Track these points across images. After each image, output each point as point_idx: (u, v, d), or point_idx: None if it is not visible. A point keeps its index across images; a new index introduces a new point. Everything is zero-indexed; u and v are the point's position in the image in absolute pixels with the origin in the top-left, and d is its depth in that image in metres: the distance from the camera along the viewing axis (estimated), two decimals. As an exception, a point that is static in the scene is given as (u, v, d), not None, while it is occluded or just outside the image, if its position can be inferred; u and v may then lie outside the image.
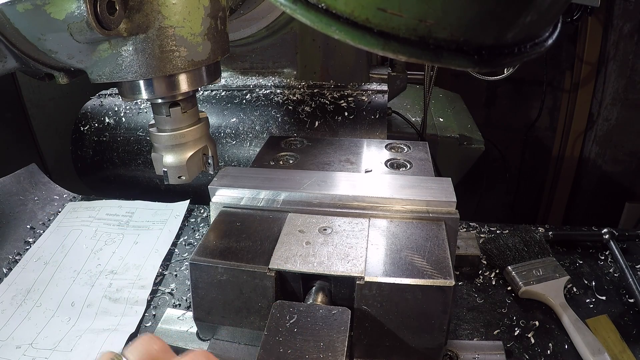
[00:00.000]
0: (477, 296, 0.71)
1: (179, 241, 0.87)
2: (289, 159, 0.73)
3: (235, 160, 0.98)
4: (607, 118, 1.75)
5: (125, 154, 1.03)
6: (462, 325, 0.66)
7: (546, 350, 0.62)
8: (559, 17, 0.34)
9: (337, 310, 0.46)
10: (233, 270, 0.50)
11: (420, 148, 0.75)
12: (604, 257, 0.79)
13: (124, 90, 0.56)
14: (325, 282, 0.51)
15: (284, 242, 0.53)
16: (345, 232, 0.54)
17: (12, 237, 0.90)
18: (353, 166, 0.70)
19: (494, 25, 0.28)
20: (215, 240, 0.54)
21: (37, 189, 1.03)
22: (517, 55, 0.31)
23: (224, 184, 0.61)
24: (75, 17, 0.43)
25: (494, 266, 0.76)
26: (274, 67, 1.09)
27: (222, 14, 0.56)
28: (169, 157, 0.61)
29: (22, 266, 0.82)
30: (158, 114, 0.60)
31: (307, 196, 0.59)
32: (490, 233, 0.85)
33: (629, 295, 0.70)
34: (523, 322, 0.66)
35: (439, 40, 0.28)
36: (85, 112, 1.08)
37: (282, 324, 0.45)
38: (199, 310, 0.54)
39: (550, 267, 0.72)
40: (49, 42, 0.48)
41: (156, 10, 0.49)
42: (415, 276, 0.47)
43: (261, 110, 0.99)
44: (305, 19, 0.28)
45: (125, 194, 1.02)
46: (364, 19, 0.27)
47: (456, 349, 0.58)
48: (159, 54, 0.51)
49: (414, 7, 0.26)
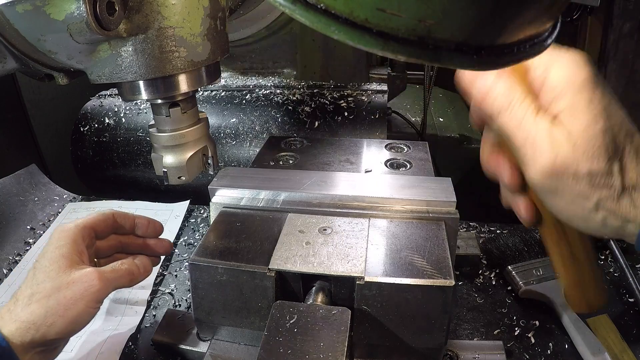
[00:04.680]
0: (477, 296, 0.71)
1: (179, 241, 0.87)
2: (289, 159, 0.73)
3: (235, 160, 0.98)
4: (607, 118, 1.75)
5: (125, 155, 1.03)
6: (462, 325, 0.66)
7: (546, 350, 0.62)
8: (558, 17, 0.34)
9: (337, 310, 0.46)
10: (233, 270, 0.50)
11: (420, 148, 0.76)
12: (604, 257, 0.79)
13: (123, 91, 0.56)
14: (325, 282, 0.51)
15: (284, 242, 0.53)
16: (345, 232, 0.54)
17: (12, 238, 0.90)
18: (353, 166, 0.70)
19: (493, 25, 0.28)
20: (215, 241, 0.54)
21: (37, 189, 1.03)
22: (516, 55, 0.31)
23: (224, 184, 0.61)
24: (74, 17, 0.43)
25: (494, 266, 0.76)
26: (274, 67, 1.09)
27: (221, 14, 0.56)
28: (169, 157, 0.61)
29: (22, 267, 0.82)
30: (158, 114, 0.60)
31: (307, 196, 0.59)
32: (490, 233, 0.85)
33: (629, 295, 0.70)
34: (523, 321, 0.66)
35: (438, 40, 0.28)
36: (85, 112, 1.08)
37: (282, 324, 0.45)
38: (199, 311, 0.54)
39: (551, 266, 0.72)
40: (48, 42, 0.48)
41: (156, 11, 0.49)
42: (415, 276, 0.47)
43: (261, 111, 0.99)
44: (304, 19, 0.28)
45: (125, 195, 1.02)
46: (363, 19, 0.27)
47: (456, 349, 0.58)
48: (159, 55, 0.51)
49: (413, 7, 0.26)
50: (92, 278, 0.52)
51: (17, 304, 0.50)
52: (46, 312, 0.49)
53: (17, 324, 0.49)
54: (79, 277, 0.51)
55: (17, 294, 0.52)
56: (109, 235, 0.63)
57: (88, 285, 0.51)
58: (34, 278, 0.52)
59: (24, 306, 0.50)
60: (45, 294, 0.50)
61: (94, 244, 0.60)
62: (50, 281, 0.51)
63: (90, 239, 0.58)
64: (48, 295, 0.50)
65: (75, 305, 0.50)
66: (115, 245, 0.64)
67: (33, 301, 0.50)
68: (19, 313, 0.49)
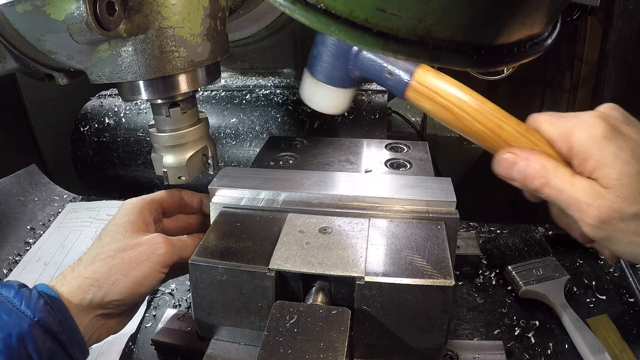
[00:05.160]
0: (477, 296, 0.71)
1: (179, 241, 0.87)
2: (289, 159, 0.73)
3: (235, 160, 0.98)
4: (607, 118, 1.75)
5: (125, 155, 1.03)
6: (462, 325, 0.66)
7: (546, 350, 0.62)
8: (558, 17, 0.34)
9: (337, 310, 0.46)
10: (233, 270, 0.50)
11: (420, 148, 0.75)
12: (604, 257, 0.79)
13: (123, 91, 0.56)
14: (325, 282, 0.51)
15: (284, 242, 0.53)
16: (345, 232, 0.54)
17: (12, 238, 0.90)
18: (353, 166, 0.70)
19: (492, 25, 0.28)
20: (215, 241, 0.54)
21: (37, 189, 1.03)
22: (516, 55, 0.31)
23: (224, 184, 0.61)
24: (74, 17, 0.43)
25: (494, 266, 0.76)
26: (274, 67, 1.08)
27: (221, 14, 0.56)
28: (169, 157, 0.61)
29: (22, 267, 0.82)
30: (158, 114, 0.60)
31: (307, 196, 0.59)
32: (490, 233, 0.85)
33: (629, 295, 0.70)
34: (523, 321, 0.66)
35: (438, 40, 0.28)
36: (85, 112, 1.08)
37: (282, 324, 0.45)
38: (199, 311, 0.54)
39: (551, 266, 0.72)
40: (48, 42, 0.48)
41: (156, 11, 0.49)
42: (415, 276, 0.47)
43: (261, 111, 0.99)
44: (304, 19, 0.28)
45: (125, 195, 1.02)
46: (363, 19, 0.27)
47: (456, 349, 0.58)
48: (159, 55, 0.51)
49: (413, 7, 0.26)
50: (158, 241, 0.52)
51: (80, 264, 0.51)
52: (110, 269, 0.49)
53: (79, 280, 0.49)
54: (145, 240, 0.52)
55: (82, 257, 0.52)
56: (176, 213, 0.64)
57: (154, 247, 0.52)
58: (99, 241, 0.53)
59: (87, 265, 0.50)
60: (110, 254, 0.51)
61: (161, 219, 0.61)
62: (115, 243, 0.52)
63: (157, 213, 0.60)
64: (112, 254, 0.51)
65: (140, 265, 0.50)
66: (184, 226, 0.65)
67: (97, 260, 0.50)
68: (82, 271, 0.50)
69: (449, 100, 0.49)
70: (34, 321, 0.43)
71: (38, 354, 0.43)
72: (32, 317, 0.43)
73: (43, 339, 0.43)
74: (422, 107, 0.51)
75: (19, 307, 0.44)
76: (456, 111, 0.49)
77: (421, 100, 0.51)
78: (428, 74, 0.50)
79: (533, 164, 0.45)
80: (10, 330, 0.42)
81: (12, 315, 0.43)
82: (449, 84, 0.49)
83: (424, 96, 0.50)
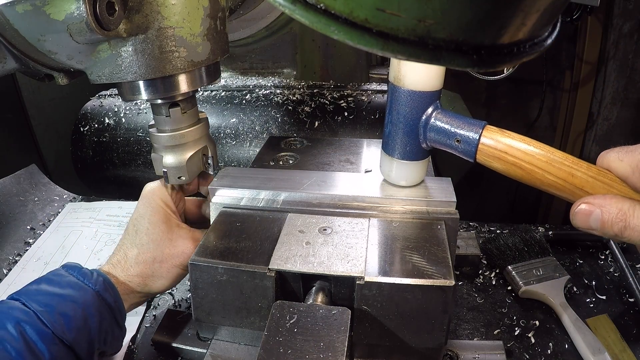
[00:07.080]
0: (477, 296, 0.71)
1: (179, 241, 0.87)
2: (289, 159, 0.73)
3: (235, 160, 0.98)
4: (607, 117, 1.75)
5: (125, 155, 1.03)
6: (462, 325, 0.66)
7: (546, 349, 0.62)
8: (558, 17, 0.34)
9: (337, 310, 0.46)
10: (233, 270, 0.50)
11: (420, 148, 0.75)
12: (604, 257, 0.79)
13: (123, 91, 0.56)
14: (325, 282, 0.51)
15: (284, 242, 0.53)
16: (345, 232, 0.54)
17: (12, 238, 0.90)
18: (353, 166, 0.70)
19: (492, 25, 0.28)
20: (215, 241, 0.54)
21: (37, 189, 1.03)
22: (516, 55, 0.31)
23: (224, 184, 0.61)
24: (74, 17, 0.43)
25: (494, 266, 0.76)
26: (274, 67, 1.09)
27: (221, 14, 0.56)
28: (169, 157, 0.61)
29: (21, 266, 0.82)
30: (158, 114, 0.60)
31: (307, 196, 0.59)
32: (490, 233, 0.85)
33: (629, 295, 0.70)
34: (523, 321, 0.66)
35: (438, 40, 0.28)
36: (85, 112, 1.08)
37: (282, 324, 0.45)
38: (199, 311, 0.54)
39: (551, 266, 0.72)
40: (48, 43, 0.48)
41: (155, 11, 0.49)
42: (415, 276, 0.47)
43: (261, 111, 0.99)
44: (304, 19, 0.28)
45: (125, 195, 1.02)
46: (363, 19, 0.27)
47: (456, 349, 0.58)
48: (159, 55, 0.51)
49: (413, 7, 0.26)
50: (189, 247, 0.61)
51: (127, 260, 0.60)
52: (153, 273, 0.60)
53: (127, 276, 0.59)
54: (181, 251, 0.61)
55: (125, 249, 0.60)
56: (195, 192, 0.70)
57: (187, 255, 0.60)
58: (137, 237, 0.60)
59: (133, 264, 0.59)
60: (151, 257, 0.60)
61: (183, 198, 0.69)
62: (154, 245, 0.60)
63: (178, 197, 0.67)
64: (153, 258, 0.60)
65: (176, 269, 0.61)
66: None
67: (140, 262, 0.59)
68: (129, 269, 0.59)
69: (517, 157, 0.49)
70: (95, 291, 0.53)
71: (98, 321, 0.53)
72: (94, 288, 0.54)
73: (101, 309, 0.53)
74: (494, 167, 0.51)
75: (82, 280, 0.54)
76: (526, 166, 0.48)
77: (492, 161, 0.51)
78: (494, 134, 0.50)
79: (609, 209, 0.43)
80: (76, 300, 0.52)
81: (78, 288, 0.53)
82: (515, 140, 0.49)
83: (494, 157, 0.50)
